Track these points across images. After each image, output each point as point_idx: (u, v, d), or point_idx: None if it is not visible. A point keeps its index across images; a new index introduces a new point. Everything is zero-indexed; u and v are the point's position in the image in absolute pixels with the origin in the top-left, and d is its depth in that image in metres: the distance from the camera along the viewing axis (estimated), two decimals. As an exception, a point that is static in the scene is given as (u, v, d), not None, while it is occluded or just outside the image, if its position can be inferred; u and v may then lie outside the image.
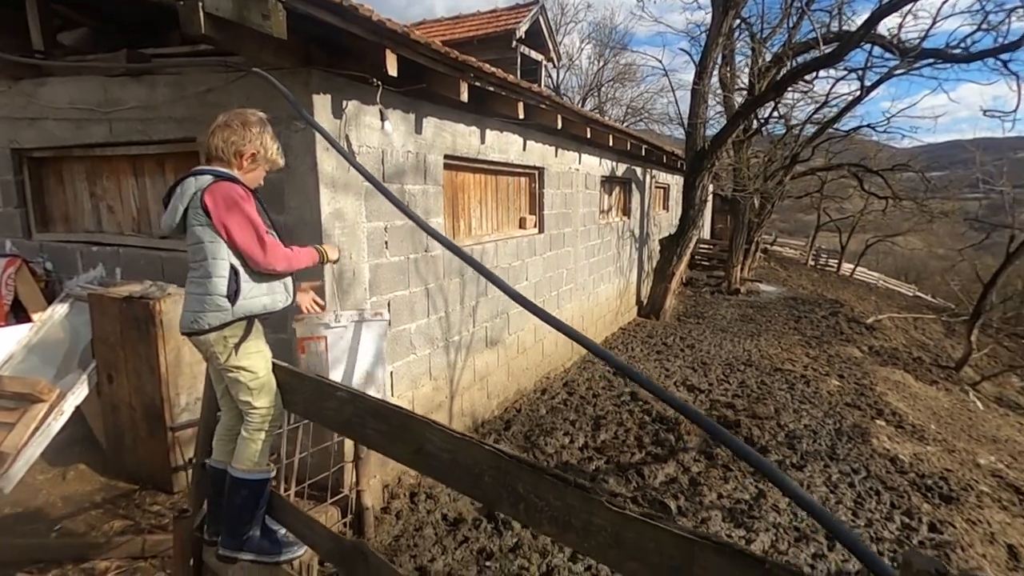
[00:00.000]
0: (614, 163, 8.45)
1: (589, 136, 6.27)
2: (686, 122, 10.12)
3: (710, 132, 10.67)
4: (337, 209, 3.32)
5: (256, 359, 1.90)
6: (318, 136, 3.12)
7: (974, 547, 3.63)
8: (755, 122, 13.28)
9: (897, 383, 7.09)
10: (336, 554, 1.82)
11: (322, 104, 3.18)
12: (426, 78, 3.65)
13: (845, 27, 9.62)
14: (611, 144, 7.06)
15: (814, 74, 8.92)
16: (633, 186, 9.72)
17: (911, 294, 28.01)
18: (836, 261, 27.11)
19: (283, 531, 2.07)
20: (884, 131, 16.84)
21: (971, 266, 24.67)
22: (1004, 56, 8.82)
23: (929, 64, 10.32)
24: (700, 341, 8.47)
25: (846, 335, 10.25)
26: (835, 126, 15.02)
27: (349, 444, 3.43)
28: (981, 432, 6.17)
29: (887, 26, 12.99)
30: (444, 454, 1.50)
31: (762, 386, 6.30)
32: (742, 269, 15.28)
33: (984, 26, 9.04)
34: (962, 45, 9.03)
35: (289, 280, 2.02)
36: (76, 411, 3.54)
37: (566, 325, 1.47)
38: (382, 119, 3.51)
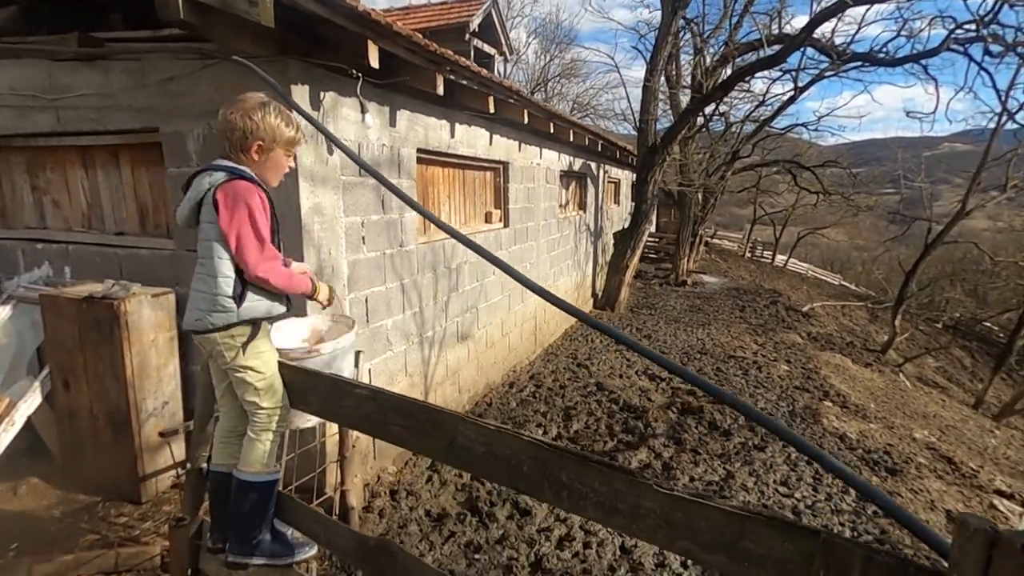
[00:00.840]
0: (572, 158, 8.57)
1: (552, 131, 6.33)
2: (637, 118, 10.40)
3: (659, 128, 11.03)
4: (316, 204, 3.23)
5: (264, 358, 1.84)
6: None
7: (918, 514, 3.96)
8: (700, 119, 13.80)
9: (837, 366, 7.59)
10: (358, 553, 1.79)
11: (300, 95, 3.08)
12: (403, 70, 3.59)
13: (784, 30, 10.18)
14: (571, 139, 7.16)
15: (752, 74, 9.30)
16: (588, 181, 9.89)
17: (836, 283, 29.82)
18: (770, 253, 28.55)
19: (291, 531, 2.02)
20: (815, 130, 17.92)
21: (890, 257, 26.62)
22: (924, 61, 9.57)
23: (856, 67, 11.03)
24: (655, 331, 8.75)
25: (787, 323, 10.85)
26: (771, 124, 15.89)
27: (332, 444, 3.36)
28: (913, 409, 6.71)
29: (820, 30, 13.70)
30: (478, 447, 1.51)
31: (718, 373, 6.60)
32: (688, 261, 15.86)
33: (903, 32, 9.77)
34: (884, 50, 9.74)
35: None
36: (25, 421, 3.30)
37: (577, 309, 1.51)
38: (362, 111, 3.43)
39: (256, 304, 1.78)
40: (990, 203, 12.66)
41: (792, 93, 13.14)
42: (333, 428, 3.37)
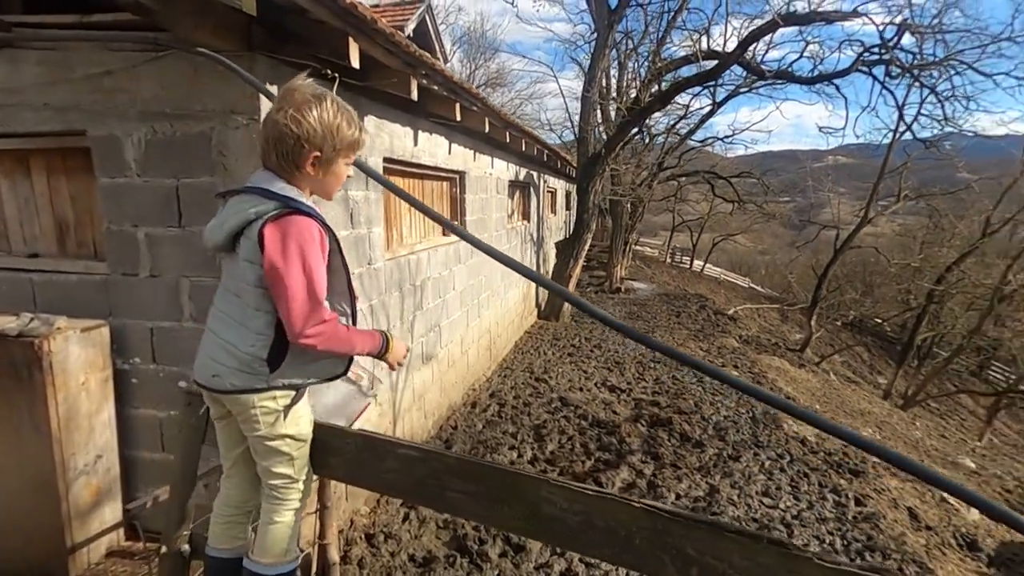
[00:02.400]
0: (518, 168, 8.44)
1: (508, 140, 6.16)
2: (577, 129, 10.47)
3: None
4: (286, 220, 2.83)
5: (304, 422, 1.50)
6: (265, 134, 2.63)
7: (887, 514, 4.10)
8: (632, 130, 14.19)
9: (779, 369, 7.93)
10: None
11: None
12: (375, 72, 3.28)
13: (713, 46, 10.64)
14: (523, 149, 7.02)
15: (689, 87, 9.62)
16: (531, 191, 9.81)
17: (746, 285, 31.75)
18: (688, 258, 29.96)
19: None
20: (730, 142, 18.97)
21: (792, 260, 28.71)
22: (837, 81, 10.31)
23: (768, 84, 11.79)
24: (604, 340, 8.77)
25: (720, 327, 11.28)
26: (691, 137, 16.66)
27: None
28: (850, 407, 7.10)
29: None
30: (572, 516, 1.28)
31: (676, 381, 6.66)
32: (620, 269, 16.22)
33: (807, 54, 10.51)
34: (790, 69, 10.42)
35: None
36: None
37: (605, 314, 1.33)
38: None
39: (298, 370, 1.43)
40: (888, 211, 13.89)
41: (711, 107, 13.85)
42: (307, 473, 2.98)
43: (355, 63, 2.74)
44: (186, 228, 2.78)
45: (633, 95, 11.36)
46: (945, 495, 4.71)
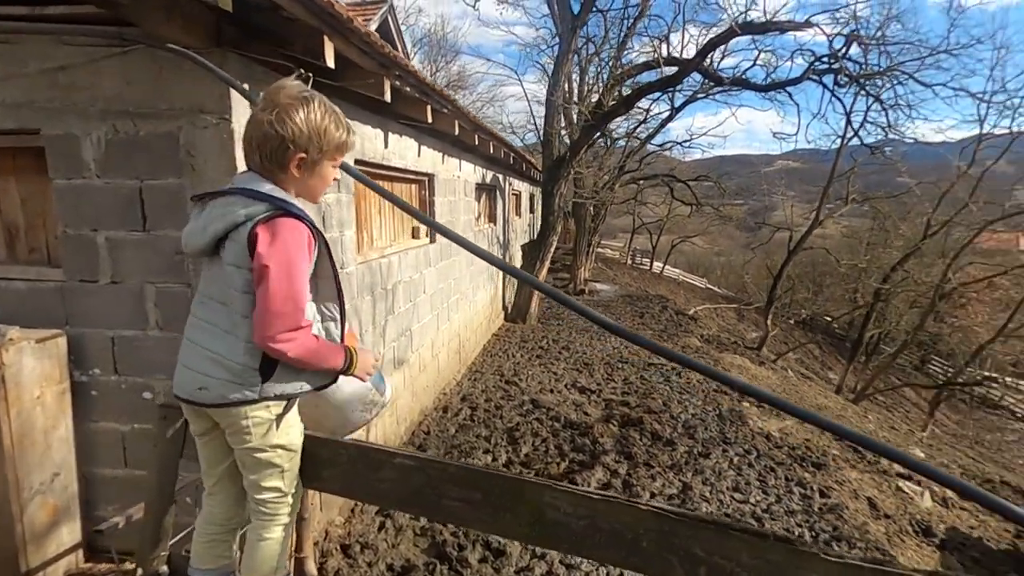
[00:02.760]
0: (484, 170, 8.43)
1: (476, 143, 6.14)
2: (541, 132, 10.53)
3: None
4: (258, 223, 2.74)
5: (295, 432, 1.45)
6: (237, 133, 2.54)
7: (849, 505, 4.27)
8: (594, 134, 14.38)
9: (740, 367, 8.16)
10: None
11: (238, 95, 2.59)
12: (348, 72, 3.21)
13: (672, 53, 10.89)
14: (491, 152, 7.02)
15: (652, 92, 9.82)
16: (498, 193, 9.81)
17: (703, 286, 32.57)
18: (648, 260, 30.53)
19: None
20: (688, 147, 19.46)
21: (746, 260, 29.65)
22: (789, 88, 10.71)
23: (724, 91, 12.14)
24: (572, 342, 8.84)
25: (683, 327, 11.54)
26: (651, 141, 17.04)
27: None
28: (808, 403, 7.37)
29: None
30: (576, 521, 1.28)
31: (644, 381, 6.77)
32: (583, 271, 16.40)
33: (759, 63, 10.89)
34: (745, 76, 10.78)
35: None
36: None
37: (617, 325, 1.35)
38: None
39: (293, 379, 1.38)
40: (836, 213, 14.50)
41: (669, 112, 14.19)
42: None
43: (330, 63, 2.67)
44: (151, 232, 2.66)
45: (595, 99, 11.53)
46: (900, 485, 4.93)
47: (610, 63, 12.01)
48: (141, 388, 2.80)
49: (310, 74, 2.84)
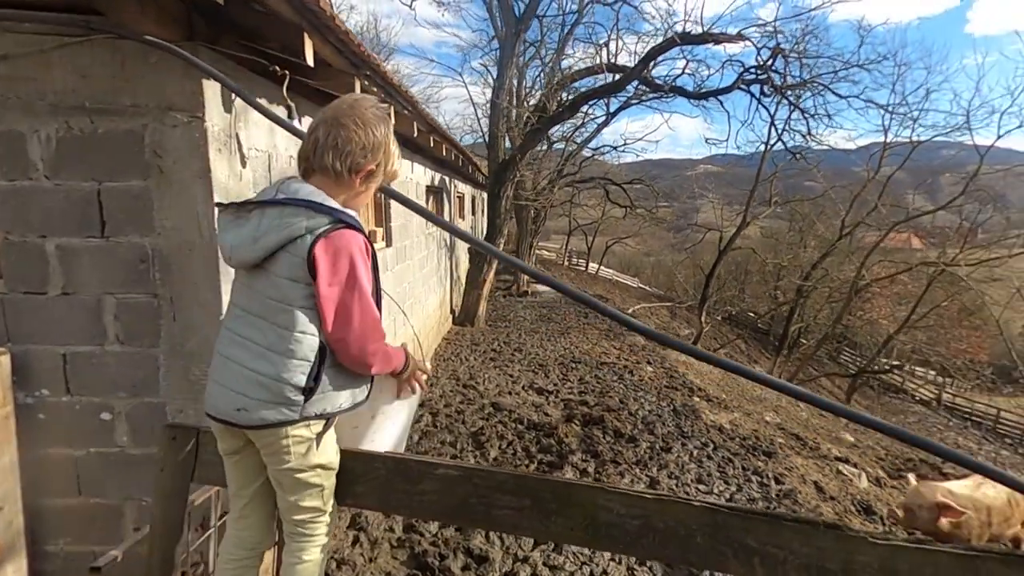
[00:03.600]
0: (433, 172, 8.34)
1: (431, 144, 6.07)
2: (487, 135, 10.55)
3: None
4: (232, 228, 2.59)
5: (333, 450, 1.40)
6: (210, 133, 2.39)
7: (801, 489, 4.55)
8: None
9: (685, 363, 8.50)
10: None
11: (212, 93, 2.44)
12: (318, 71, 3.09)
13: (610, 59, 11.20)
14: (442, 154, 6.95)
15: (597, 98, 10.06)
16: (444, 196, 9.72)
17: (635, 286, 33.72)
18: (584, 261, 31.25)
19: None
20: (623, 151, 20.09)
21: (676, 261, 30.97)
22: (721, 96, 11.28)
23: (656, 97, 12.64)
24: (523, 344, 8.89)
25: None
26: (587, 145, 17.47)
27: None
28: (750, 395, 7.79)
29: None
30: (630, 521, 1.30)
31: (599, 380, 6.91)
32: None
33: (687, 72, 11.44)
34: (674, 84, 11.30)
35: None
36: None
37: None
38: (292, 116, 2.86)
39: (332, 396, 1.34)
40: (763, 215, 15.42)
41: (605, 117, 14.59)
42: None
43: (310, 61, 2.56)
44: (110, 238, 2.45)
45: (534, 103, 11.70)
46: (840, 468, 5.31)
47: (549, 67, 12.25)
48: (98, 409, 2.57)
49: (286, 72, 2.74)
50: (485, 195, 16.56)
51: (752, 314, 24.31)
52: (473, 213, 15.41)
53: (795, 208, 17.40)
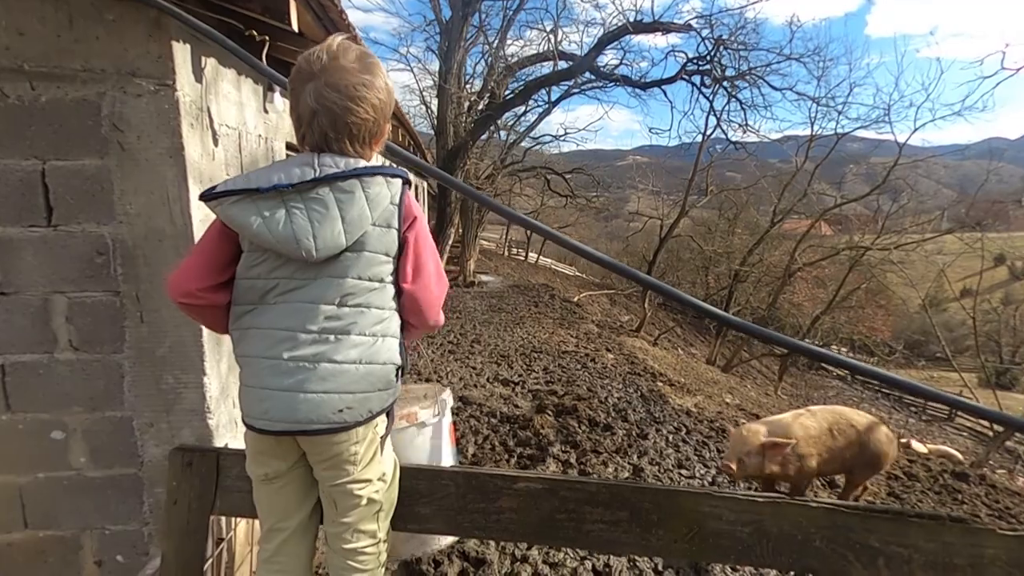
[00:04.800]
0: (384, 159, 7.98)
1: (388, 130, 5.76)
2: (434, 121, 10.23)
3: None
4: (207, 215, 2.27)
5: (392, 460, 1.23)
6: (182, 105, 2.07)
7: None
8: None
9: (643, 349, 8.63)
10: None
11: (182, 58, 2.11)
12: (291, 39, 2.79)
13: (548, 47, 11.15)
14: (399, 140, 6.64)
15: (548, 85, 9.98)
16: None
17: (572, 274, 34.23)
18: (524, 251, 31.32)
19: None
20: (563, 140, 20.22)
21: (613, 251, 31.61)
22: (665, 87, 11.50)
23: (598, 87, 12.76)
24: (480, 335, 8.73)
25: (577, 314, 11.96)
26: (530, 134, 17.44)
27: (246, 536, 2.42)
28: (706, 378, 8.02)
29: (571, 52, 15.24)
30: (742, 528, 1.19)
31: (563, 369, 6.87)
32: (471, 263, 16.31)
33: (625, 62, 11.63)
34: (613, 74, 11.45)
35: None
36: None
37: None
38: (271, 90, 2.54)
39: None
40: (699, 204, 15.94)
41: (547, 105, 14.57)
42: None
43: (295, 26, 2.28)
44: (59, 227, 2.08)
45: (475, 88, 11.49)
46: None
47: (493, 53, 12.02)
48: (47, 427, 2.20)
49: (266, 37, 2.44)
50: (425, 184, 16.21)
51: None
52: (417, 200, 15.00)
53: (727, 197, 18.11)
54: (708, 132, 13.76)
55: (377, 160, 1.30)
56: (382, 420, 1.22)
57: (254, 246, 1.18)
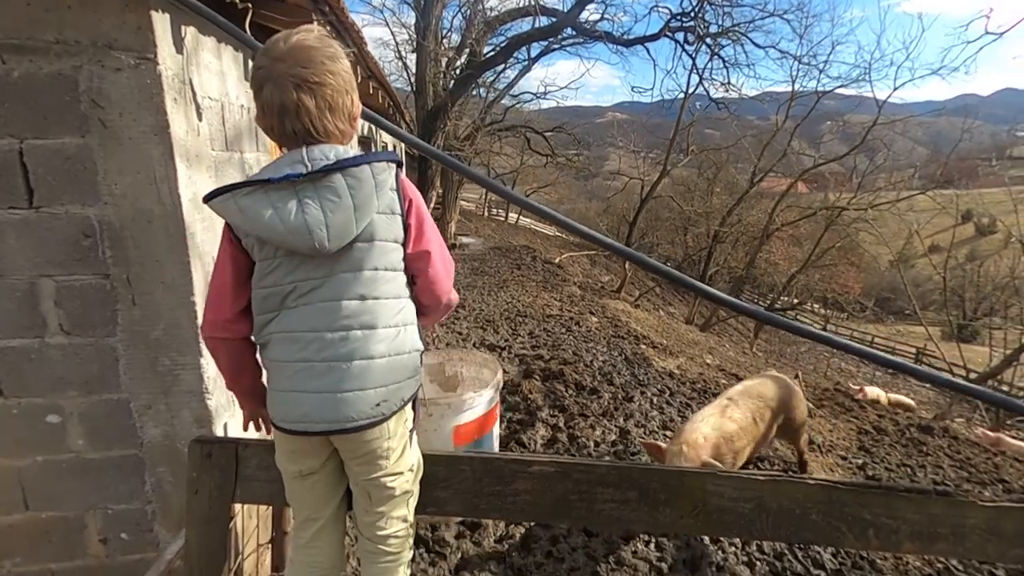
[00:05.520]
0: (362, 121, 7.77)
1: (370, 92, 5.59)
2: (413, 80, 9.93)
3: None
4: (195, 194, 2.21)
5: (418, 450, 1.27)
6: (165, 79, 1.99)
7: (750, 427, 4.87)
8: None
9: (624, 311, 8.76)
10: None
11: (162, 29, 2.01)
12: (269, 4, 2.68)
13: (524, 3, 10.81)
14: (379, 102, 6.46)
15: (530, 43, 9.73)
16: (372, 146, 9.14)
17: (553, 234, 34.24)
18: (504, 211, 31.12)
19: None
20: (543, 97, 19.85)
21: (594, 212, 31.60)
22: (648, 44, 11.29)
23: (579, 43, 12.50)
24: (464, 299, 8.74)
25: (559, 276, 12.03)
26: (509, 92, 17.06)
27: (243, 525, 2.47)
28: (686, 339, 8.20)
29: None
30: (743, 504, 1.26)
31: (548, 333, 6.96)
32: (452, 225, 16.18)
33: (606, 16, 11.37)
34: (596, 30, 11.21)
35: None
36: None
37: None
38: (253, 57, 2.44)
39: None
40: (680, 164, 15.94)
41: (527, 62, 14.23)
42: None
43: (280, -9, 2.18)
44: (41, 209, 2.01)
45: (452, 44, 11.16)
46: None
47: (471, 7, 11.62)
48: (43, 411, 2.18)
49: (249, 4, 2.35)
50: (403, 145, 15.85)
51: (668, 259, 25.56)
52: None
53: (707, 156, 18.11)
54: (690, 90, 13.64)
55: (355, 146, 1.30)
56: (410, 413, 1.24)
57: (265, 253, 1.16)
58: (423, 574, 2.94)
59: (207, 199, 1.17)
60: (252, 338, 1.27)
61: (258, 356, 1.27)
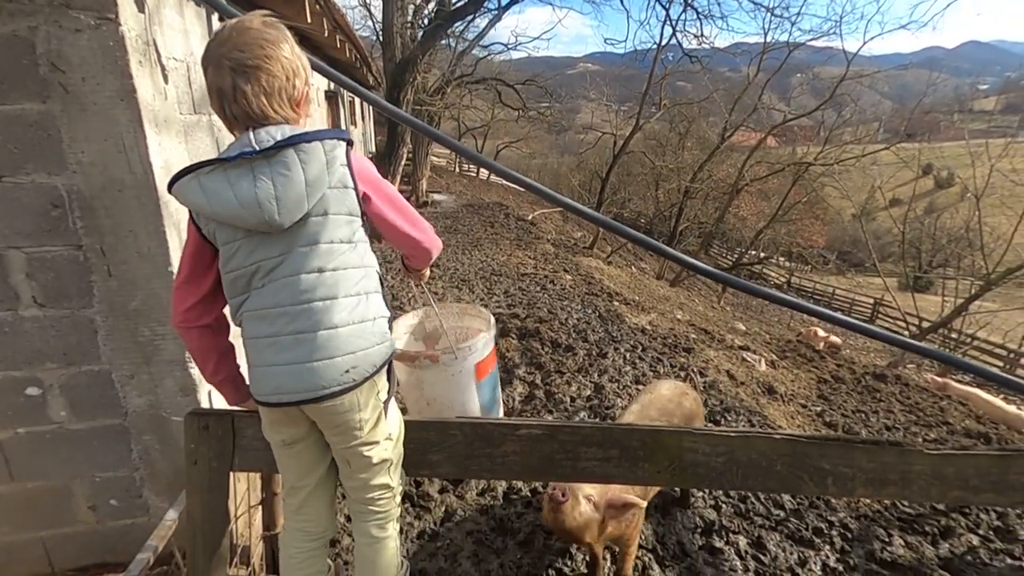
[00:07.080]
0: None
1: (337, 45, 5.39)
2: (380, 32, 9.55)
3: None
4: (167, 160, 2.15)
5: (398, 418, 1.33)
6: (128, 40, 1.90)
7: (720, 379, 5.10)
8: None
9: (597, 268, 8.88)
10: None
11: (123, -16, 1.91)
12: (234, -43, 2.54)
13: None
14: (347, 55, 6.23)
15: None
16: (339, 101, 8.86)
17: (523, 190, 34.00)
18: (475, 167, 30.61)
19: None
20: (514, 48, 19.32)
21: (565, 167, 31.34)
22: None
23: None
24: (438, 259, 8.72)
25: (531, 233, 12.05)
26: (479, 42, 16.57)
27: (238, 489, 2.52)
28: (657, 295, 8.38)
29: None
30: (716, 459, 1.37)
31: (524, 292, 7.04)
32: (423, 182, 15.90)
33: None
34: None
35: None
36: None
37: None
38: (215, 11, 2.33)
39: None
40: (653, 118, 15.85)
41: (496, 12, 13.80)
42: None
43: (245, -53, 2.08)
44: (4, 179, 1.94)
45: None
46: (744, 356, 5.99)
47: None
48: (21, 384, 2.17)
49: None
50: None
51: (640, 215, 25.71)
52: (363, 120, 14.28)
53: (679, 111, 18.05)
54: (663, 42, 13.45)
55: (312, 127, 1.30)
56: (383, 386, 1.28)
57: (226, 236, 1.17)
58: (409, 527, 3.08)
59: (170, 186, 1.18)
60: (222, 323, 1.33)
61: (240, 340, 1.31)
